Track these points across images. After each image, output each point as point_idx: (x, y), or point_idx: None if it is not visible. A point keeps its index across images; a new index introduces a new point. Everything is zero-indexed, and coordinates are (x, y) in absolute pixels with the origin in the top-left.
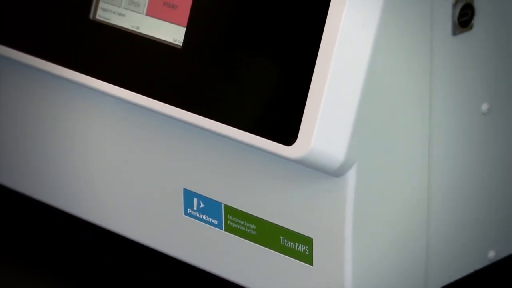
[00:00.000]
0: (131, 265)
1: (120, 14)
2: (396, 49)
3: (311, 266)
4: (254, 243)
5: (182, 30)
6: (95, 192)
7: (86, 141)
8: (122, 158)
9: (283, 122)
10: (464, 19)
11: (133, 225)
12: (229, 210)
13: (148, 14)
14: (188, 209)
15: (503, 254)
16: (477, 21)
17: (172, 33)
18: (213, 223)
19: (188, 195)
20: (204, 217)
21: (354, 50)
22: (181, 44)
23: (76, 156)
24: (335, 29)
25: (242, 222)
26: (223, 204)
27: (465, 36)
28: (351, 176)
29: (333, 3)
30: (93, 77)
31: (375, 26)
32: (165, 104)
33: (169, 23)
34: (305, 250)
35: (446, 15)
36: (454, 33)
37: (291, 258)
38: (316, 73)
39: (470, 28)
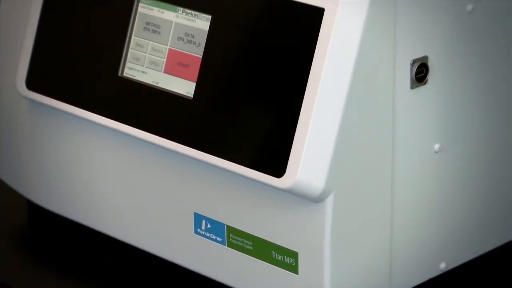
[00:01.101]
0: (149, 273)
1: (143, 72)
2: (365, 100)
3: (296, 275)
4: (251, 256)
5: (193, 85)
6: (123, 214)
7: (116, 172)
8: (145, 188)
9: (274, 159)
10: (420, 75)
11: (153, 242)
12: (231, 229)
13: (165, 72)
14: (198, 229)
15: (453, 265)
16: (430, 77)
17: (185, 87)
18: (218, 240)
19: (198, 218)
20: (211, 235)
21: (331, 105)
22: (192, 96)
23: (109, 184)
24: (314, 91)
25: (241, 239)
26: (226, 225)
27: (421, 89)
28: (329, 202)
29: (312, 70)
30: (121, 122)
31: (348, 84)
32: (179, 144)
33: (182, 79)
34: (292, 262)
35: (405, 72)
36: (412, 86)
37: (280, 269)
38: (300, 123)
39: (425, 83)
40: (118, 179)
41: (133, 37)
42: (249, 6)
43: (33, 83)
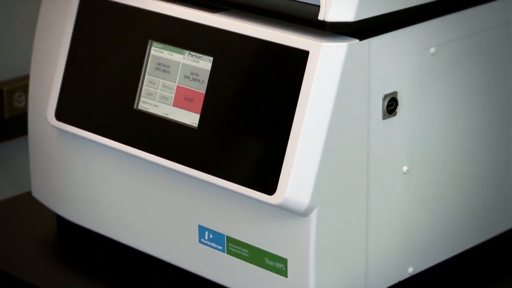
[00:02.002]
0: (159, 277)
1: (155, 105)
2: (344, 129)
3: (286, 278)
4: (247, 262)
5: (197, 116)
6: (138, 226)
7: (132, 191)
8: (157, 204)
9: (266, 180)
10: (390, 108)
11: (164, 250)
12: (230, 239)
13: (174, 105)
14: (202, 239)
15: (419, 270)
16: (399, 109)
17: (190, 118)
18: (218, 248)
19: (202, 229)
20: (213, 244)
21: (314, 134)
22: (196, 126)
23: (125, 201)
24: (300, 122)
25: (239, 248)
26: (225, 236)
27: (391, 119)
28: (313, 216)
29: (299, 104)
30: (136, 148)
31: (329, 116)
32: (185, 167)
33: (188, 111)
34: (282, 267)
35: (378, 105)
36: (384, 117)
37: (272, 273)
38: (288, 149)
39: (395, 114)
40: (134, 196)
41: (146, 75)
42: (244, 50)
43: (61, 115)
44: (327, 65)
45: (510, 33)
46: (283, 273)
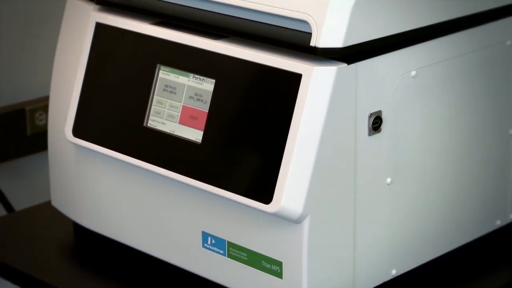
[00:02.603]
0: (165, 278)
1: (162, 123)
2: (333, 144)
3: (281, 279)
4: (245, 265)
5: (201, 133)
6: (147, 232)
7: (142, 200)
8: (164, 212)
9: (263, 190)
10: (375, 125)
11: (170, 253)
12: (230, 244)
13: (179, 123)
14: (205, 244)
15: (401, 271)
16: (383, 127)
17: (194, 134)
18: (220, 252)
19: (205, 235)
20: (215, 248)
21: (307, 149)
22: (200, 142)
23: (135, 209)
24: (294, 138)
25: (238, 252)
26: (226, 241)
27: (376, 136)
28: (306, 223)
29: (293, 121)
30: (145, 161)
31: (320, 133)
32: (190, 178)
33: (192, 129)
34: (277, 269)
35: (364, 123)
36: (369, 134)
37: (269, 274)
38: (283, 162)
39: (379, 131)
40: (143, 205)
41: (155, 96)
42: (243, 73)
43: (77, 132)
44: (318, 86)
45: (483, 58)
46: (279, 274)
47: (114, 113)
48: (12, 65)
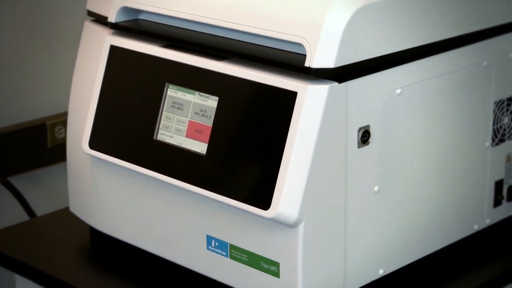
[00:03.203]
0: (173, 277)
1: (170, 136)
2: (326, 156)
3: (278, 278)
4: (246, 265)
5: (205, 146)
6: (157, 236)
7: (153, 206)
8: (172, 217)
9: (262, 198)
10: (364, 139)
11: (178, 255)
12: (232, 246)
13: (186, 136)
14: (209, 246)
15: (388, 271)
16: (371, 140)
17: (199, 147)
18: (223, 254)
19: (209, 238)
20: (218, 250)
21: (301, 160)
22: (204, 153)
23: (146, 214)
24: (290, 150)
25: (239, 253)
26: (228, 243)
27: (365, 148)
28: (301, 227)
29: (289, 135)
30: (155, 171)
31: (314, 145)
32: (196, 187)
33: (198, 141)
34: (275, 269)
35: (354, 136)
36: (358, 146)
37: (267, 274)
38: (280, 172)
39: (368, 144)
40: (153, 211)
41: (164, 112)
42: (244, 91)
43: (93, 144)
44: (312, 103)
45: (462, 77)
46: (276, 274)
47: (127, 127)
48: (35, 84)
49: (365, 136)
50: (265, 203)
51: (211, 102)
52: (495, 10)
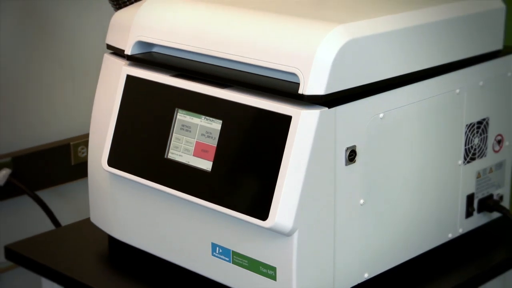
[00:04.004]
0: (182, 279)
1: (180, 155)
2: (317, 172)
3: (275, 281)
4: (247, 270)
5: (210, 163)
6: (168, 243)
7: (164, 217)
8: (181, 227)
9: (261, 210)
10: (351, 157)
11: (186, 260)
12: (234, 253)
13: (194, 155)
14: (214, 252)
15: (372, 275)
16: (357, 158)
17: (205, 164)
18: (226, 259)
19: (214, 246)
20: (222, 256)
21: (295, 177)
22: (210, 170)
23: (159, 224)
24: (285, 168)
25: (241, 259)
26: (231, 250)
27: (352, 166)
28: (295, 236)
29: (284, 154)
30: (166, 186)
31: (306, 163)
32: (201, 200)
33: (204, 160)
34: (272, 273)
35: (342, 155)
36: (346, 164)
37: (265, 277)
38: (277, 187)
39: (354, 162)
40: (164, 221)
41: (174, 133)
42: (245, 115)
43: (112, 162)
44: (304, 126)
45: (438, 103)
46: (273, 277)
47: (141, 147)
48: (60, 110)
49: (351, 155)
50: (263, 214)
51: (216, 125)
52: (466, 45)
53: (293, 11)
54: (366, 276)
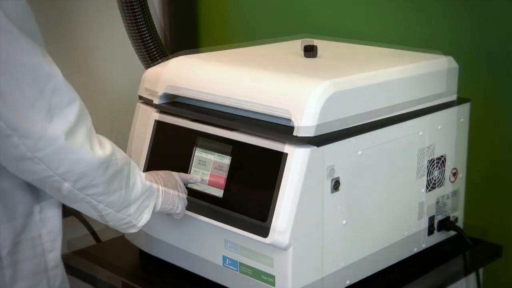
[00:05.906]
0: (197, 285)
1: (197, 185)
2: (308, 200)
3: (274, 287)
4: (251, 278)
5: (221, 191)
6: (187, 255)
7: (184, 235)
8: (199, 243)
9: (262, 229)
10: (335, 186)
11: (202, 269)
12: (241, 264)
13: (209, 184)
14: (224, 264)
15: (353, 281)
16: (341, 187)
17: (218, 192)
18: (234, 269)
19: (225, 258)
20: (231, 267)
21: (289, 203)
22: (221, 197)
23: (180, 239)
24: (282, 196)
25: (246, 269)
26: (238, 262)
27: (336, 193)
28: (290, 250)
29: (282, 185)
30: (188, 210)
31: (299, 192)
32: (215, 221)
33: (216, 188)
34: (272, 280)
35: (327, 185)
36: (331, 192)
37: (266, 284)
38: (275, 213)
39: (338, 190)
40: (185, 238)
41: (192, 167)
42: (249, 152)
43: None
44: (298, 161)
45: (404, 143)
46: (273, 284)
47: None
48: None
49: (336, 185)
50: (264, 233)
51: (226, 160)
52: (427, 97)
53: (289, 70)
54: (348, 282)
